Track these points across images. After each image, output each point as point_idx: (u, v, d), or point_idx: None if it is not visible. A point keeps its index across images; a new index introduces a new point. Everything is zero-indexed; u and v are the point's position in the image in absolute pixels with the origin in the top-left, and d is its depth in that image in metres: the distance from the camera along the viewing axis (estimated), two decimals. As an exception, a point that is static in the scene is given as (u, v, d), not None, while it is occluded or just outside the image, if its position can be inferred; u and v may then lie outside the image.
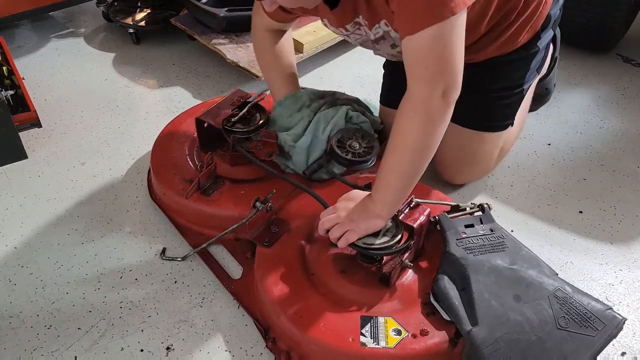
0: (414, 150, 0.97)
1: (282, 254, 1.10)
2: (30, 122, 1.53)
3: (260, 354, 1.05)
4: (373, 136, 1.27)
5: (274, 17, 1.26)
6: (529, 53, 1.23)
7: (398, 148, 0.98)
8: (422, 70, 0.93)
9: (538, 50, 1.23)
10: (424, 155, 0.98)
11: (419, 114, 0.94)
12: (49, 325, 1.10)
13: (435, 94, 0.91)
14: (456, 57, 0.92)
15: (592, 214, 1.35)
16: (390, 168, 1.00)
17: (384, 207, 1.01)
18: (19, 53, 1.94)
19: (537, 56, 1.25)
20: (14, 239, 1.28)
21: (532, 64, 1.25)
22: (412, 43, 0.91)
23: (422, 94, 0.93)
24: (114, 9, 2.05)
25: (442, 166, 1.37)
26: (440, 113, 0.93)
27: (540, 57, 1.26)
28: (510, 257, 1.02)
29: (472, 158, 1.34)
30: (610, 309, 0.95)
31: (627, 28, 1.97)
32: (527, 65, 1.24)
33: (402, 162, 0.98)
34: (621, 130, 1.62)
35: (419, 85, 0.93)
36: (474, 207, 1.12)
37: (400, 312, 1.00)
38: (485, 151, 1.34)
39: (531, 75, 1.27)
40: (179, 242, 1.26)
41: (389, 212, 1.02)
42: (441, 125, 0.95)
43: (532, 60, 1.24)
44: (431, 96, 0.92)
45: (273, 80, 1.36)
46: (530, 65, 1.24)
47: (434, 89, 0.91)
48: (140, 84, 1.82)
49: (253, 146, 1.30)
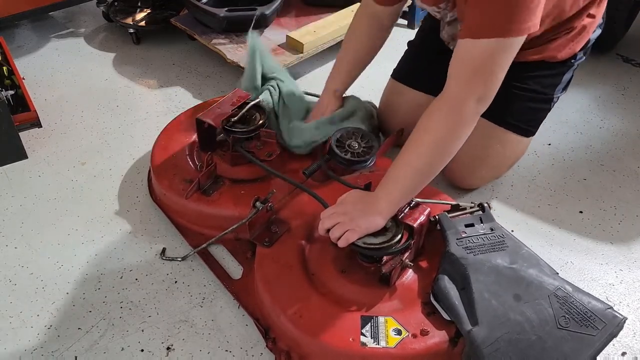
0: (435, 147, 0.99)
1: (282, 254, 1.10)
2: (30, 122, 1.53)
3: (260, 354, 1.05)
4: (372, 136, 1.27)
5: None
6: (564, 67, 1.26)
7: (419, 142, 1.00)
8: (466, 74, 0.98)
9: (572, 66, 1.28)
10: (443, 155, 1.01)
11: (450, 114, 0.98)
12: (49, 325, 1.10)
13: (472, 97, 0.97)
14: (500, 73, 0.97)
15: (592, 214, 1.35)
16: (405, 162, 1.01)
17: (387, 204, 1.01)
18: (19, 53, 1.94)
19: (568, 73, 1.28)
20: (14, 239, 1.28)
21: (564, 78, 1.28)
22: (468, 46, 0.96)
23: (460, 95, 0.97)
24: (114, 9, 2.05)
25: (457, 166, 1.30)
26: (470, 118, 0.98)
27: (570, 76, 1.30)
28: (511, 257, 1.02)
29: (489, 159, 1.33)
30: (611, 308, 0.94)
31: (627, 28, 1.97)
32: (559, 79, 1.28)
33: (420, 158, 1.00)
34: (621, 130, 1.62)
35: (457, 87, 0.98)
36: (473, 207, 1.12)
37: (401, 312, 1.00)
38: (505, 155, 1.34)
39: (560, 89, 1.30)
40: (179, 242, 1.26)
41: (391, 211, 1.02)
42: (466, 129, 0.99)
43: (564, 75, 1.28)
44: (466, 100, 0.97)
45: (339, 68, 1.38)
46: (562, 79, 1.28)
47: (471, 93, 0.97)
48: (140, 84, 1.82)
49: (253, 146, 1.30)
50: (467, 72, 0.97)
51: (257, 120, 1.30)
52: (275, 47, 1.79)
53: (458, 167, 1.33)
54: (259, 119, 1.30)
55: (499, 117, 1.26)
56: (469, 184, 1.39)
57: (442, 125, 0.98)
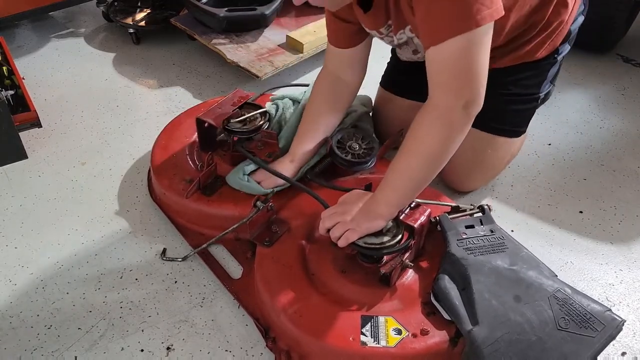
0: (429, 157, 0.97)
1: (282, 253, 1.10)
2: (30, 122, 1.53)
3: (261, 354, 1.05)
4: (373, 137, 1.28)
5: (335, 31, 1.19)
6: (547, 64, 1.24)
7: (412, 152, 0.98)
8: (445, 80, 0.93)
9: (556, 62, 1.25)
10: (437, 163, 0.98)
11: (439, 123, 0.94)
12: (49, 325, 1.10)
13: (458, 104, 0.92)
14: (479, 70, 0.92)
15: (592, 214, 1.35)
16: (400, 170, 1.00)
17: (387, 207, 1.01)
18: (19, 53, 1.94)
19: (554, 68, 1.27)
20: (14, 239, 1.28)
21: (549, 74, 1.26)
22: (436, 53, 0.92)
23: (445, 104, 0.93)
24: (114, 9, 2.05)
25: (452, 172, 1.33)
26: (460, 124, 0.94)
27: (556, 69, 1.28)
28: (511, 258, 1.02)
29: (484, 163, 1.33)
30: (610, 311, 0.94)
31: (627, 28, 1.97)
32: (544, 75, 1.26)
33: (414, 167, 0.99)
34: (621, 130, 1.62)
35: (442, 95, 0.94)
36: (474, 208, 1.12)
37: (401, 312, 1.00)
38: (498, 157, 1.34)
39: (546, 85, 1.28)
40: (179, 242, 1.26)
41: (391, 213, 1.02)
42: (459, 136, 0.95)
43: (548, 71, 1.26)
44: (454, 107, 0.92)
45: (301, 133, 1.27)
46: (547, 75, 1.26)
47: (457, 100, 0.92)
48: (140, 84, 1.82)
49: (253, 146, 1.30)
50: (446, 79, 0.93)
51: (258, 120, 1.30)
52: (275, 47, 1.79)
53: (455, 173, 1.34)
54: (259, 119, 1.30)
55: (484, 124, 1.22)
56: (467, 187, 1.39)
57: (432, 136, 0.95)
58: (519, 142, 1.36)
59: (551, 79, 1.29)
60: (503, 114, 1.27)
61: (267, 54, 1.76)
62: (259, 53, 1.76)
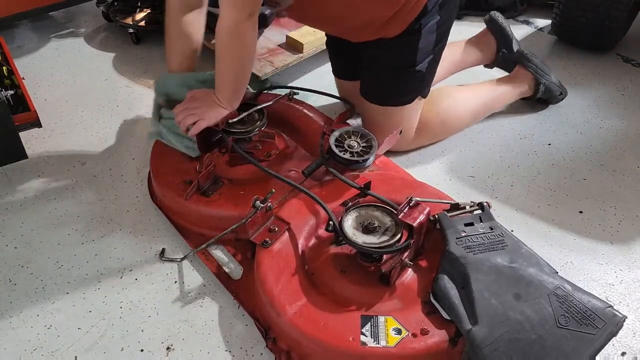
0: (233, 62, 1.19)
1: (282, 253, 1.10)
2: (30, 122, 1.53)
3: (260, 354, 1.05)
4: (372, 135, 1.27)
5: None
6: (413, 37, 1.30)
7: (222, 60, 1.19)
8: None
9: (421, 34, 1.30)
10: (243, 64, 1.20)
11: (232, 36, 1.14)
12: (49, 325, 1.10)
13: (242, 17, 1.11)
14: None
15: (592, 214, 1.35)
16: (220, 73, 1.21)
17: (224, 99, 1.23)
18: (19, 53, 1.94)
19: (424, 39, 1.30)
20: (14, 239, 1.28)
21: (420, 45, 1.31)
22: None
23: (233, 18, 1.11)
24: (114, 9, 2.05)
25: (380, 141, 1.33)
26: (249, 31, 1.13)
27: (430, 40, 1.32)
28: (510, 256, 1.02)
29: (383, 130, 1.36)
30: (611, 307, 0.94)
31: (627, 28, 1.97)
32: (414, 47, 1.31)
33: (228, 71, 1.21)
34: (621, 130, 1.62)
35: (230, 12, 1.11)
36: (473, 206, 1.12)
37: (401, 311, 1.00)
38: (394, 123, 1.39)
39: (423, 56, 1.33)
40: (179, 243, 1.26)
41: (230, 104, 1.24)
42: (250, 39, 1.16)
43: (417, 43, 1.30)
44: (240, 19, 1.11)
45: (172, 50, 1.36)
46: (418, 46, 1.31)
47: (242, 13, 1.10)
48: (140, 84, 1.82)
49: (251, 146, 1.30)
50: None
51: (256, 120, 1.30)
52: (275, 47, 1.79)
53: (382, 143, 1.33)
54: (257, 120, 1.30)
55: (374, 98, 1.40)
56: (402, 149, 1.48)
57: (230, 47, 1.15)
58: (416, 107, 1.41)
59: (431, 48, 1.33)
60: (386, 86, 1.38)
61: (266, 54, 1.76)
62: (258, 53, 1.76)
